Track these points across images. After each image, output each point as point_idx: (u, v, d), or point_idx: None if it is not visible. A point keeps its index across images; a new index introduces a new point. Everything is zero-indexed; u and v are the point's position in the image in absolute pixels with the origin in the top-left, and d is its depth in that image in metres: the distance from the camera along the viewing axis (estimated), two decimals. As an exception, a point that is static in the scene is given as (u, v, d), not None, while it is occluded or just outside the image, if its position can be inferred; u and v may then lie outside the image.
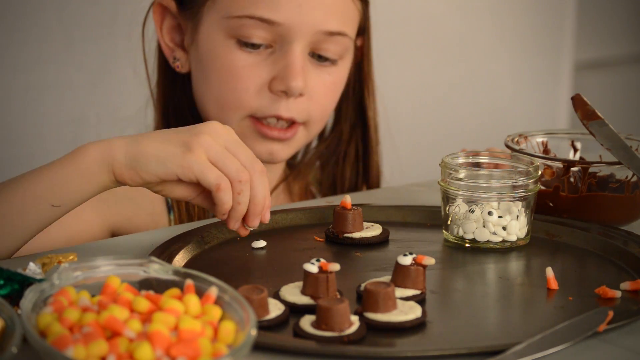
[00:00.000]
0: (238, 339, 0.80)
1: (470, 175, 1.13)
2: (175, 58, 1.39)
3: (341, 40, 1.33)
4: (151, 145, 1.04)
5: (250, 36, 1.30)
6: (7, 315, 0.80)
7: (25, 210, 1.06)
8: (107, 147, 1.05)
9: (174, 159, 1.03)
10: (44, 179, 1.06)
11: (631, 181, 1.19)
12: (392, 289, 0.92)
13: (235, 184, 1.04)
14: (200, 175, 1.03)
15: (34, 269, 0.95)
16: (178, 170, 1.03)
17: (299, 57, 1.30)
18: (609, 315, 0.90)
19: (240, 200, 1.05)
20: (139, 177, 1.04)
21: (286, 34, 1.30)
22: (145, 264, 0.88)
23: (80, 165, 1.05)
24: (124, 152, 1.04)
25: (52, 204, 1.06)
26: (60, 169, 1.05)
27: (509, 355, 0.85)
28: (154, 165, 1.04)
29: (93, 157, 1.05)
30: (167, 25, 1.39)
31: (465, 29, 2.44)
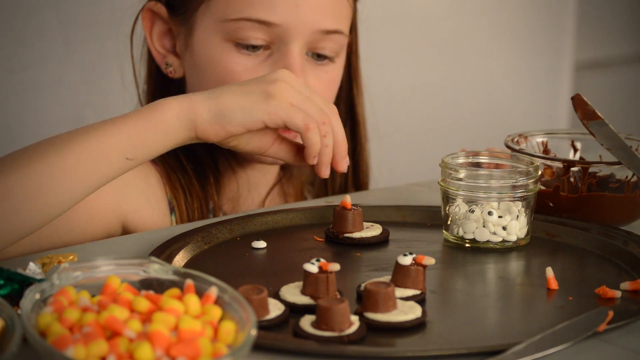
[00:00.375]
0: (238, 339, 0.80)
1: (470, 175, 1.13)
2: (168, 64, 1.38)
3: (337, 38, 1.33)
4: (232, 98, 1.09)
5: (248, 38, 1.29)
6: (7, 315, 0.80)
7: (98, 160, 1.07)
8: (188, 104, 1.08)
9: (259, 107, 1.08)
10: (121, 132, 1.07)
11: (631, 181, 1.19)
12: (392, 289, 0.92)
13: (320, 126, 1.10)
14: (288, 119, 1.08)
15: (34, 269, 0.95)
16: (265, 117, 1.08)
17: (298, 58, 1.30)
18: (609, 315, 0.90)
19: (327, 142, 1.11)
20: (224, 130, 1.09)
21: (284, 34, 1.29)
22: (145, 264, 0.88)
23: (161, 121, 1.08)
24: (206, 109, 1.09)
25: (127, 157, 1.07)
26: (140, 123, 1.07)
27: (509, 355, 0.85)
28: (240, 116, 1.09)
29: (174, 114, 1.08)
30: (157, 31, 1.38)
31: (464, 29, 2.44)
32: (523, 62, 2.57)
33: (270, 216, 1.18)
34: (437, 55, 2.39)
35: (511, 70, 2.55)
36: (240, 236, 1.15)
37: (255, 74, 1.30)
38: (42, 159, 1.05)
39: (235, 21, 1.29)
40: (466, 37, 2.45)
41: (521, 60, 2.57)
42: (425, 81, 2.39)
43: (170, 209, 1.32)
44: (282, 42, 1.30)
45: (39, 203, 1.05)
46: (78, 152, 1.06)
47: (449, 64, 2.43)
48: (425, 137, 2.33)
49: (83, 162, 1.06)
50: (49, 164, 1.05)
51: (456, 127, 2.46)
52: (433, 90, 2.41)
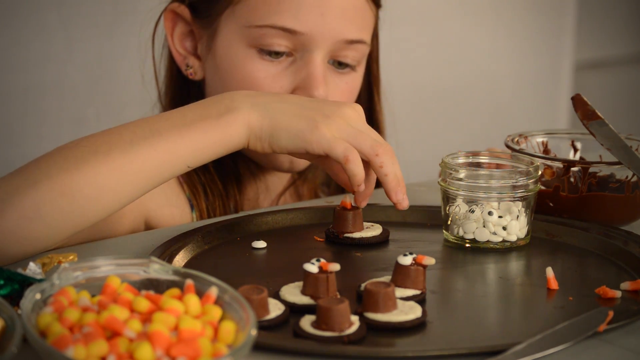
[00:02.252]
0: (238, 339, 0.80)
1: (470, 175, 1.13)
2: (188, 65, 1.38)
3: (360, 48, 1.33)
4: (285, 119, 1.10)
5: (272, 45, 1.29)
6: (7, 315, 0.80)
7: (163, 167, 1.09)
8: (248, 121, 1.10)
9: (304, 135, 1.09)
10: (187, 143, 1.09)
11: (631, 181, 1.19)
12: (392, 289, 0.92)
13: (373, 158, 1.09)
14: (329, 149, 1.08)
15: (34, 269, 0.95)
16: (307, 146, 1.09)
17: (321, 66, 1.30)
18: (609, 315, 0.91)
19: (386, 171, 1.10)
20: (270, 148, 1.11)
21: (307, 43, 1.29)
22: (145, 264, 0.88)
23: (225, 137, 1.10)
24: (261, 126, 1.10)
25: (188, 165, 1.10)
26: (205, 134, 1.09)
27: (509, 355, 0.85)
28: (285, 140, 1.10)
29: (237, 130, 1.10)
30: (178, 32, 1.38)
31: (464, 29, 2.44)
32: (523, 62, 2.57)
33: (270, 216, 1.19)
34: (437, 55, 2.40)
35: (511, 71, 2.55)
36: (240, 236, 1.15)
37: (277, 81, 1.30)
38: (106, 160, 1.06)
39: (259, 28, 1.29)
40: (466, 37, 2.45)
41: (521, 60, 2.57)
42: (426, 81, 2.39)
43: (191, 207, 1.33)
44: (306, 50, 1.29)
45: (101, 203, 1.07)
46: (143, 158, 1.07)
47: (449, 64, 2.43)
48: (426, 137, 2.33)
49: (148, 169, 1.08)
50: (114, 167, 1.06)
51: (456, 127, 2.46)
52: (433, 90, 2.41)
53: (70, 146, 1.08)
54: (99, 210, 1.07)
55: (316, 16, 1.28)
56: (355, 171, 1.08)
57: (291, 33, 1.28)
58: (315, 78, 1.29)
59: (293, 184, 1.45)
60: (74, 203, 1.05)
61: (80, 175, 1.05)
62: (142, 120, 1.10)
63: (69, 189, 1.05)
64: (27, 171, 1.06)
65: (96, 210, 1.07)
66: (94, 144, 1.08)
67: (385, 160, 1.09)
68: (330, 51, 1.31)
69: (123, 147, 1.07)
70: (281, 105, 1.11)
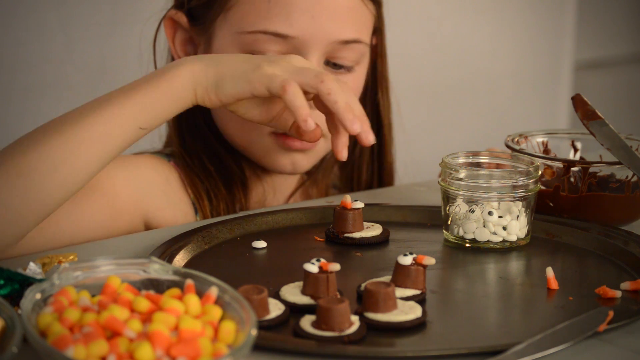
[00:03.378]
0: (238, 339, 0.80)
1: (470, 175, 1.13)
2: None
3: (356, 47, 1.32)
4: (230, 66, 1.10)
5: (265, 51, 1.29)
6: (7, 315, 0.80)
7: (113, 131, 1.08)
8: (192, 72, 1.10)
9: (246, 76, 1.08)
10: (134, 102, 1.08)
11: (631, 181, 1.19)
12: (392, 289, 0.92)
13: (319, 86, 1.07)
14: (269, 84, 1.07)
15: (34, 268, 0.95)
16: (250, 87, 1.08)
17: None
18: (609, 315, 0.91)
19: (335, 99, 1.07)
20: (217, 99, 1.10)
21: (300, 46, 1.28)
22: (145, 264, 0.88)
23: (170, 89, 1.09)
24: (206, 76, 1.10)
25: (140, 126, 1.09)
26: (151, 92, 1.09)
27: (509, 355, 0.85)
28: (229, 85, 1.09)
29: (182, 82, 1.09)
30: (179, 39, 1.38)
31: (464, 29, 2.44)
32: (523, 62, 2.57)
33: (270, 216, 1.19)
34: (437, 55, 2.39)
35: (511, 70, 2.55)
36: (240, 236, 1.15)
37: None
38: (58, 134, 1.07)
39: (251, 34, 1.29)
40: (466, 37, 2.45)
41: (521, 60, 2.57)
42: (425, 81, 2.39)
43: (195, 210, 1.32)
44: (299, 53, 1.29)
45: (58, 178, 1.06)
46: (93, 124, 1.08)
47: (449, 64, 2.43)
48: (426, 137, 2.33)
49: (98, 135, 1.08)
50: (65, 139, 1.06)
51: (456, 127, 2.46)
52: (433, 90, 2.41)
53: (28, 133, 1.09)
54: (57, 185, 1.06)
55: (307, 19, 1.28)
56: (296, 103, 1.06)
57: (283, 38, 1.28)
58: None
59: (302, 185, 1.44)
60: (31, 181, 1.05)
61: (34, 153, 1.06)
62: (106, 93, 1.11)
63: (25, 167, 1.05)
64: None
65: (54, 186, 1.06)
66: (49, 124, 1.09)
67: (332, 87, 1.07)
68: (325, 53, 1.30)
69: (73, 119, 1.08)
70: (227, 56, 1.12)
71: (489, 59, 2.51)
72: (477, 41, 2.48)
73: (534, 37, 2.58)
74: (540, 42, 2.59)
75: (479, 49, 2.48)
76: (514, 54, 2.54)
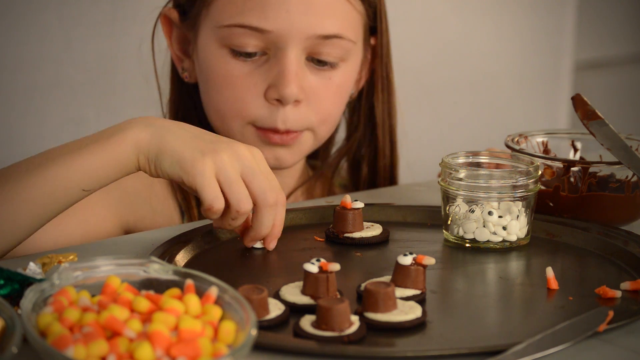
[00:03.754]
0: (238, 339, 0.80)
1: (470, 175, 1.13)
2: (184, 68, 1.38)
3: (339, 43, 1.31)
4: (174, 143, 1.06)
5: (242, 45, 1.29)
6: (7, 315, 0.80)
7: (55, 193, 1.07)
8: (136, 141, 1.07)
9: (184, 165, 1.05)
10: (78, 166, 1.07)
11: (631, 181, 1.19)
12: (392, 289, 0.92)
13: (232, 211, 1.06)
14: (200, 189, 1.04)
15: (34, 269, 0.95)
16: (184, 177, 1.05)
17: (293, 64, 1.29)
18: (609, 315, 0.91)
19: (232, 224, 1.07)
20: (155, 172, 1.07)
21: (278, 40, 1.28)
22: (145, 264, 0.88)
23: (114, 156, 1.07)
24: (148, 147, 1.07)
25: (83, 188, 1.08)
26: (94, 155, 1.07)
27: (509, 355, 0.85)
28: (166, 165, 1.06)
29: (125, 149, 1.07)
30: (175, 36, 1.38)
31: (464, 29, 2.44)
32: (523, 62, 2.57)
33: (271, 216, 1.18)
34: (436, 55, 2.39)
35: (511, 70, 2.55)
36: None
37: (251, 79, 1.30)
38: (2, 191, 1.06)
39: (229, 27, 1.29)
40: (466, 37, 2.45)
41: (521, 60, 2.57)
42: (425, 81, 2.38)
43: (181, 213, 1.32)
44: (277, 48, 1.29)
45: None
46: (35, 184, 1.07)
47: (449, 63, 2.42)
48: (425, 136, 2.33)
49: (41, 195, 1.07)
50: (7, 198, 1.06)
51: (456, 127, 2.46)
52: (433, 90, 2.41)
53: None
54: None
55: (282, 13, 1.27)
56: (214, 219, 1.07)
57: (259, 32, 1.28)
58: (286, 75, 1.28)
59: (306, 182, 1.44)
60: None
61: None
62: (51, 148, 1.10)
63: None
64: None
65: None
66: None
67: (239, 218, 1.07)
68: (304, 48, 1.30)
69: (17, 176, 1.07)
70: (176, 129, 1.08)
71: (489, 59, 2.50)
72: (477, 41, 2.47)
73: (534, 37, 2.57)
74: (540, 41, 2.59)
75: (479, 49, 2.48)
76: (514, 54, 2.54)
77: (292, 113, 1.31)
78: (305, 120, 1.32)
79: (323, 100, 1.33)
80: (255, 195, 1.06)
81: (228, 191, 1.05)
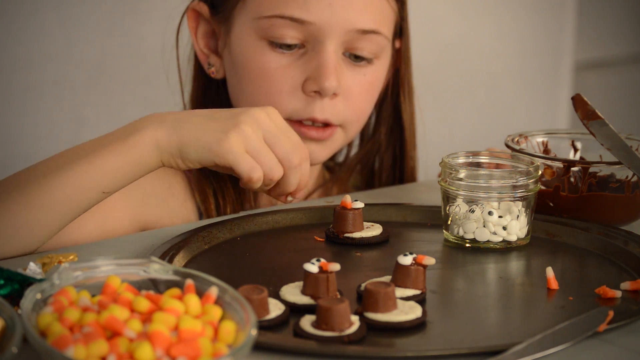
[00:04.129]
0: (238, 338, 0.80)
1: (470, 175, 1.13)
2: (210, 64, 1.38)
3: (376, 39, 1.32)
4: (192, 132, 1.09)
5: (282, 36, 1.29)
6: (7, 315, 0.80)
7: (76, 196, 1.08)
8: (155, 139, 1.09)
9: (211, 148, 1.08)
10: (97, 168, 1.08)
11: (631, 181, 1.19)
12: (392, 289, 0.92)
13: (266, 179, 1.10)
14: (235, 165, 1.08)
15: (34, 269, 0.95)
16: (215, 159, 1.08)
17: (332, 56, 1.29)
18: (609, 315, 0.91)
19: (264, 190, 1.13)
20: (184, 164, 1.10)
21: (318, 33, 1.28)
22: (145, 264, 0.88)
23: (134, 156, 1.09)
24: (169, 142, 1.09)
25: (103, 191, 1.09)
26: (114, 157, 1.08)
27: (509, 355, 0.85)
28: (194, 154, 1.09)
29: (145, 149, 1.09)
30: (201, 31, 1.38)
31: (464, 29, 2.44)
32: (523, 62, 2.57)
33: (270, 216, 1.18)
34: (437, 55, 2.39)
35: (511, 70, 2.55)
36: (240, 236, 1.15)
37: (289, 71, 1.30)
38: (20, 196, 1.07)
39: (268, 18, 1.29)
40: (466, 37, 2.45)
41: (521, 60, 2.57)
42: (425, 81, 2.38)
43: (199, 215, 1.32)
44: (316, 40, 1.29)
45: (17, 241, 1.07)
46: (55, 188, 1.07)
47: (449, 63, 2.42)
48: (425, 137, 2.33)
49: (61, 199, 1.07)
50: (28, 202, 1.07)
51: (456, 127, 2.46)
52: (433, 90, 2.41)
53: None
54: (18, 248, 1.07)
55: (324, 6, 1.28)
56: (255, 188, 1.11)
57: (300, 23, 1.28)
58: (325, 68, 1.28)
59: (323, 185, 1.44)
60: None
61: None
62: (64, 150, 1.11)
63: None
64: None
65: (13, 246, 1.07)
66: (12, 182, 1.09)
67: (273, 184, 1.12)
68: (343, 42, 1.30)
69: (36, 181, 1.08)
70: (189, 118, 1.10)
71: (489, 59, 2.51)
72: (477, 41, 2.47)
73: (534, 37, 2.57)
74: (540, 41, 2.59)
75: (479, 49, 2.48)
76: (514, 53, 2.54)
77: (330, 105, 1.31)
78: (341, 114, 1.33)
79: (357, 97, 1.33)
80: (281, 159, 1.11)
81: (258, 161, 1.09)
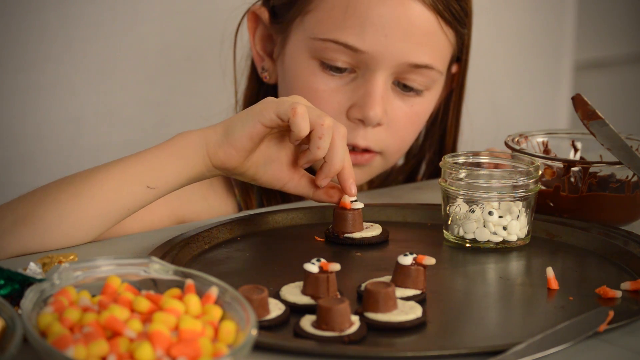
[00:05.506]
0: (238, 339, 0.80)
1: (470, 175, 1.13)
2: (264, 68, 1.38)
3: (428, 73, 1.31)
4: (231, 119, 1.10)
5: (334, 60, 1.29)
6: (7, 315, 0.80)
7: (120, 189, 1.09)
8: (203, 132, 1.10)
9: (253, 112, 1.08)
10: (142, 162, 1.10)
11: (631, 181, 1.19)
12: (392, 289, 0.92)
13: (317, 127, 1.08)
14: (279, 105, 1.07)
15: (35, 269, 0.95)
16: (259, 118, 1.08)
17: (380, 86, 1.29)
18: (609, 315, 0.91)
19: (320, 144, 1.08)
20: (232, 147, 1.09)
21: (370, 62, 1.28)
22: (145, 264, 0.88)
23: (177, 150, 1.10)
24: (215, 132, 1.10)
25: (148, 185, 1.09)
26: (159, 154, 1.10)
27: (509, 355, 0.85)
28: (239, 126, 1.09)
29: (189, 142, 1.10)
30: (259, 34, 1.38)
31: (465, 29, 2.44)
32: (523, 62, 2.57)
33: (270, 216, 1.19)
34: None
35: (511, 70, 2.55)
36: (240, 236, 1.15)
37: (336, 95, 1.30)
38: (68, 187, 1.09)
39: (323, 41, 1.29)
40: (466, 37, 2.44)
41: (521, 60, 2.56)
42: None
43: (239, 210, 1.32)
44: (368, 68, 1.29)
45: (61, 229, 1.08)
46: (102, 180, 1.09)
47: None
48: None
49: (106, 191, 1.09)
50: (74, 192, 1.08)
51: (456, 127, 2.45)
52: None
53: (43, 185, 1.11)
54: (59, 236, 1.08)
55: (380, 36, 1.27)
56: (301, 125, 1.07)
57: (353, 50, 1.28)
58: (372, 97, 1.28)
59: None
60: (34, 230, 1.07)
61: (43, 204, 1.07)
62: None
63: (32, 217, 1.07)
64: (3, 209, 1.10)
65: (56, 236, 1.08)
66: (63, 178, 1.11)
67: (325, 133, 1.08)
68: (394, 72, 1.30)
69: (85, 175, 1.10)
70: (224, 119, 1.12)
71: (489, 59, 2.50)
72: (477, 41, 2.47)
73: (534, 37, 2.57)
74: (540, 42, 2.59)
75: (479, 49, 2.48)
76: (514, 53, 2.54)
77: (372, 133, 1.31)
78: (383, 142, 1.33)
79: (402, 126, 1.33)
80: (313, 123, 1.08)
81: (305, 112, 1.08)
